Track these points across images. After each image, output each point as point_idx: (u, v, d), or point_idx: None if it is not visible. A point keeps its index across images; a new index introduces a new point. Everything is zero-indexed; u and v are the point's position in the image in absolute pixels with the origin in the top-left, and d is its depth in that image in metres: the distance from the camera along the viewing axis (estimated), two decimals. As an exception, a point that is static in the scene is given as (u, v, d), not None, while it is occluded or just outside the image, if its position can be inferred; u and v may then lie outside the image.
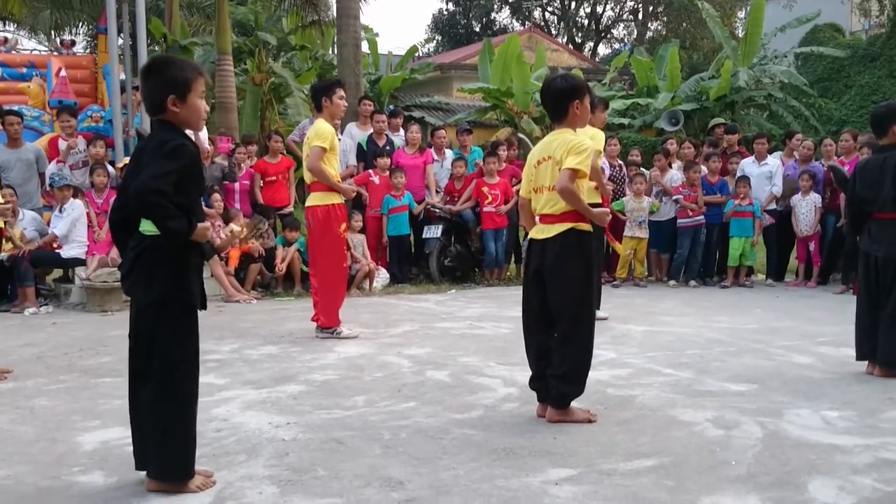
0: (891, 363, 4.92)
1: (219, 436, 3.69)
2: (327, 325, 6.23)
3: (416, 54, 24.83)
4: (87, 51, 21.21)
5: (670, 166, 10.10)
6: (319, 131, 6.04)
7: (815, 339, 6.14)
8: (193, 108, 3.08)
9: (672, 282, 9.76)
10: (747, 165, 10.02)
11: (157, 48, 16.27)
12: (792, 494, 3.02)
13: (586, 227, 3.94)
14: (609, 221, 3.93)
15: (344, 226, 6.23)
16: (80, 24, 20.01)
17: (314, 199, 6.16)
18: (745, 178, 9.69)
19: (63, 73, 10.84)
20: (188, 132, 3.11)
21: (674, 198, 9.71)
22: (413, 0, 67.56)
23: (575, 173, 3.84)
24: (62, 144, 8.98)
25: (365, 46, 23.21)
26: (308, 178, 6.23)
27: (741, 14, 29.45)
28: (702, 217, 9.65)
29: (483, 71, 20.29)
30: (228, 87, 14.73)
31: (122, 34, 11.27)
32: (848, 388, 4.68)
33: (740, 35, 21.11)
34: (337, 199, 6.14)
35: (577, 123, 3.99)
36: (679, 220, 9.72)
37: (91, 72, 12.33)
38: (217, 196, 8.84)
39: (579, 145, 3.87)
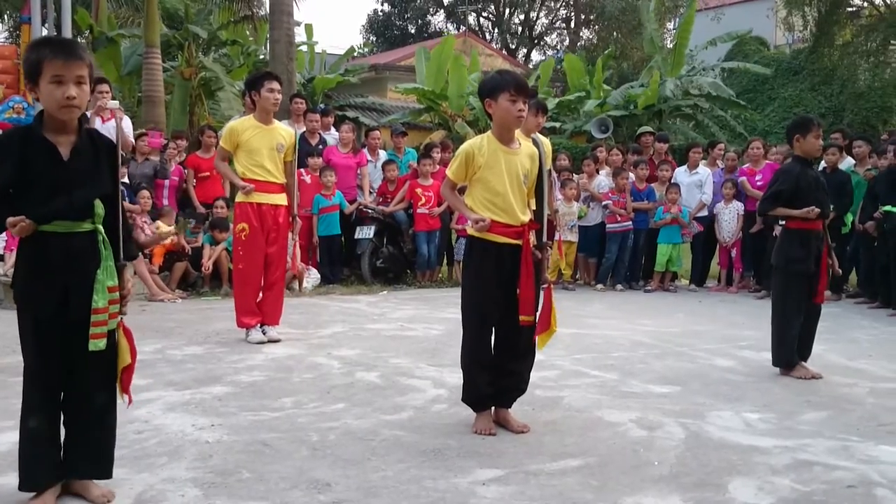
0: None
1: (139, 437, 3.59)
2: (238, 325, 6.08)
3: (353, 55, 24.68)
4: (10, 41, 20.50)
5: (598, 172, 10.25)
6: (223, 132, 6.23)
7: (735, 343, 6.30)
8: (45, 94, 2.68)
9: (599, 285, 9.91)
10: (679, 174, 10.25)
11: (83, 40, 15.84)
12: (713, 495, 3.09)
13: (472, 233, 3.91)
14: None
15: (242, 225, 5.94)
16: (3, 13, 19.39)
17: None
18: (675, 186, 9.91)
19: (-17, 62, 10.47)
20: (96, 123, 2.95)
21: (603, 203, 9.86)
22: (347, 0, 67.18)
23: (447, 180, 4.02)
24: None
25: (303, 37, 22.92)
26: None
27: (670, 25, 30.13)
28: (630, 223, 9.82)
29: (420, 74, 20.33)
30: (156, 81, 14.42)
31: (46, 24, 10.95)
32: (768, 390, 4.82)
33: (669, 46, 21.60)
34: (241, 198, 5.97)
35: (496, 122, 3.90)
36: (608, 226, 9.86)
37: (14, 62, 11.92)
38: (146, 193, 8.62)
39: (456, 153, 3.95)
